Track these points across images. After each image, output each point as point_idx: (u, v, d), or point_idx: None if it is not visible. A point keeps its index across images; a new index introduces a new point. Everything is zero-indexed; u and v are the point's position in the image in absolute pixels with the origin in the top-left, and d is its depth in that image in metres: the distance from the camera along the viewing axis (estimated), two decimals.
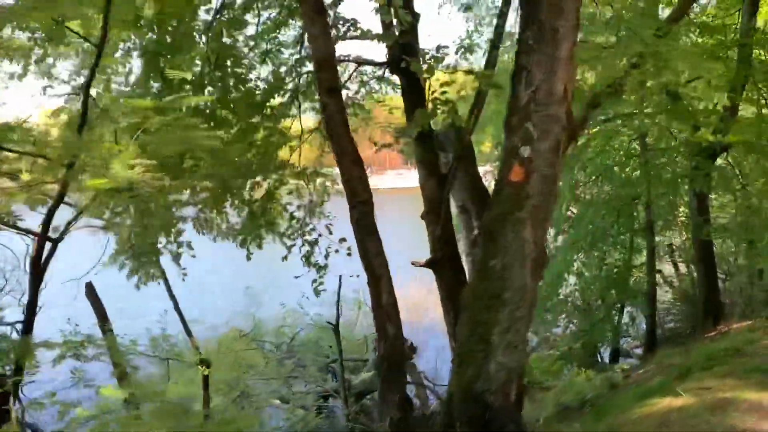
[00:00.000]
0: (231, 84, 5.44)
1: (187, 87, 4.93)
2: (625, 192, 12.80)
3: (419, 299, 16.80)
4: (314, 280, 5.91)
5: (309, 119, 8.60)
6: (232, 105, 5.59)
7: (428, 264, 7.86)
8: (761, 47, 11.73)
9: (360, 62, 7.88)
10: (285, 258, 6.29)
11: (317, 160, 8.88)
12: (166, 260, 7.25)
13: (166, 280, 7.89)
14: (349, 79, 8.00)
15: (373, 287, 4.89)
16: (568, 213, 13.58)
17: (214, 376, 14.07)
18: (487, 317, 3.90)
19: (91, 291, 8.61)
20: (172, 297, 7.82)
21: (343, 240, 5.96)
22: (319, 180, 9.25)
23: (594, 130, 12.68)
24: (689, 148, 11.76)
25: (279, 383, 13.44)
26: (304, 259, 6.18)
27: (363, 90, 8.50)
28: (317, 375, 13.90)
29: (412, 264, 7.81)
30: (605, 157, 13.13)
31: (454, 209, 10.22)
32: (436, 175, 7.88)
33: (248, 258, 6.27)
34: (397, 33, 6.69)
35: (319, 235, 6.35)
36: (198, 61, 5.26)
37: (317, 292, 5.83)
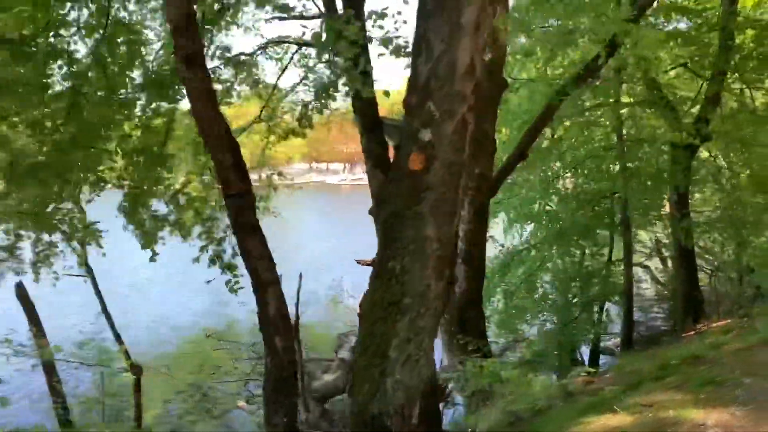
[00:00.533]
0: (125, 62, 4.86)
1: (59, 62, 4.35)
2: (603, 186, 12.29)
3: None
4: (228, 281, 5.35)
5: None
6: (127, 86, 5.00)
7: (374, 263, 7.35)
8: (742, 32, 11.18)
9: (301, 44, 7.33)
10: (196, 260, 5.72)
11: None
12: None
13: (93, 280, 7.36)
14: (290, 61, 7.45)
15: (258, 295, 4.31)
16: (547, 208, 13.07)
17: (177, 378, 13.65)
18: (384, 328, 3.37)
19: (21, 292, 8.07)
20: (100, 297, 7.29)
21: None
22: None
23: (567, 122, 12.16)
24: (668, 140, 11.25)
25: (240, 385, 12.94)
26: (210, 261, 5.60)
27: (310, 75, 7.95)
28: None
29: (357, 263, 7.29)
30: (582, 149, 12.57)
31: None
32: (384, 168, 7.35)
33: (152, 259, 5.72)
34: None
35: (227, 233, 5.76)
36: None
37: (234, 291, 5.25)
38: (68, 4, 4.25)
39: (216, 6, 4.70)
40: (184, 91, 5.30)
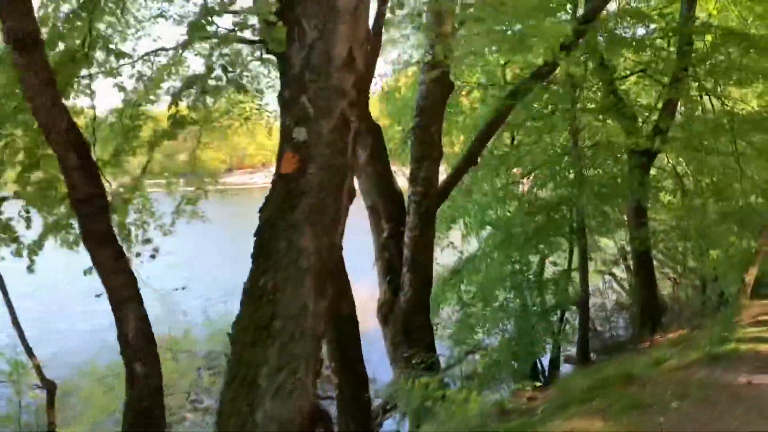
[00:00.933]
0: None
1: None
2: (561, 193, 12.03)
3: (369, 302, 15.93)
4: None
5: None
6: None
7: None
8: (702, 38, 11.03)
9: (230, 40, 6.92)
10: (89, 271, 5.23)
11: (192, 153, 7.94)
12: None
13: (3, 288, 6.84)
14: (217, 58, 7.03)
15: (116, 314, 3.85)
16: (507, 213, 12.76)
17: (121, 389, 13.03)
18: (253, 354, 2.96)
19: None
20: (10, 306, 6.76)
21: (147, 241, 5.01)
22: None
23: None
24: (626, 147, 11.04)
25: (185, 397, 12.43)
26: None
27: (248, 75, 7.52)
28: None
29: None
30: (544, 155, 12.27)
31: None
32: None
33: (29, 270, 5.22)
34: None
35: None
36: None
37: None
38: None
39: None
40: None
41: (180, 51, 6.70)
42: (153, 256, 5.31)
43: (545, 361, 13.56)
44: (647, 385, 4.78)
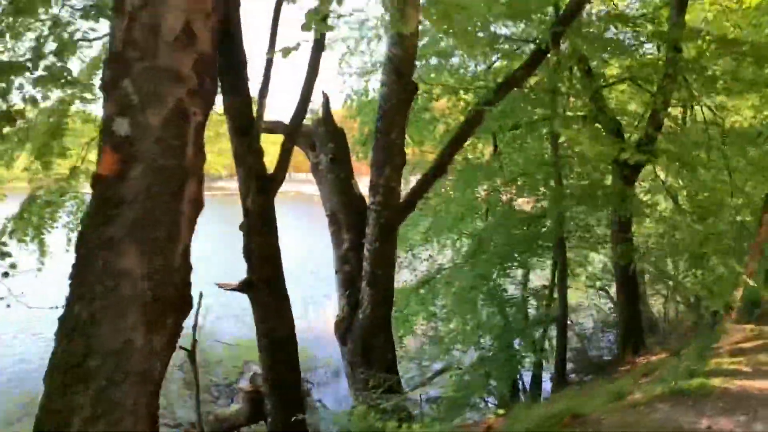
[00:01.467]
0: None
1: None
2: (541, 204, 11.45)
3: None
4: None
5: None
6: None
7: (241, 287, 6.36)
8: (693, 45, 10.46)
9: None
10: None
11: None
12: None
13: None
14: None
15: None
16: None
17: None
18: (64, 400, 2.37)
19: None
20: None
21: (6, 255, 4.44)
22: None
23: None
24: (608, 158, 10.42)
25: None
26: None
27: None
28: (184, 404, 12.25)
29: (219, 287, 6.31)
30: (520, 163, 11.68)
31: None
32: (258, 178, 6.41)
33: None
34: None
35: None
36: None
37: None
38: None
39: None
40: None
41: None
42: (6, 274, 4.73)
43: (528, 377, 12.96)
44: (594, 427, 4.17)
